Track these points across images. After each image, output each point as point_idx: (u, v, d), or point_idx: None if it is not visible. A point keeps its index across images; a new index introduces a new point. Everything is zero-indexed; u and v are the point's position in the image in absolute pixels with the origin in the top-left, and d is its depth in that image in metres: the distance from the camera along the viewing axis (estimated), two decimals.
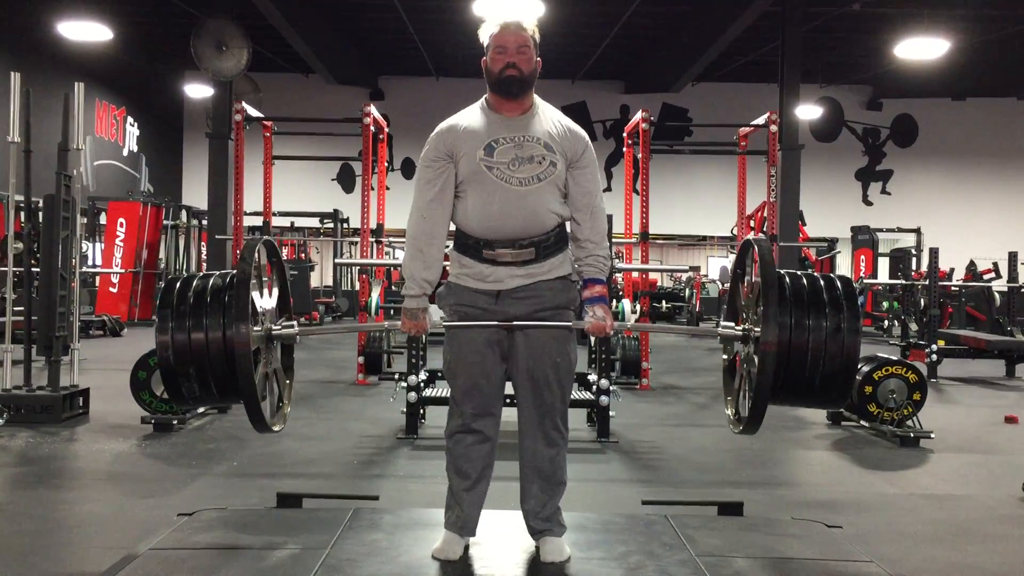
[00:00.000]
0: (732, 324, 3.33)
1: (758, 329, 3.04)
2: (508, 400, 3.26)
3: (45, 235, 6.58)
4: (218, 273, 3.22)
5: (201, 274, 3.26)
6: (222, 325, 3.02)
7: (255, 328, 3.09)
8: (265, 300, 3.28)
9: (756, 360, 3.05)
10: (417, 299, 3.07)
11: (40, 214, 7.46)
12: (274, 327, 3.27)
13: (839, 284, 3.13)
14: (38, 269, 6.68)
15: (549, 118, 3.08)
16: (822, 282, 3.13)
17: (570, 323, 3.09)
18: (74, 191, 6.63)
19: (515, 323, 3.03)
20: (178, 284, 3.18)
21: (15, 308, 6.92)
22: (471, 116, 3.08)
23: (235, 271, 3.06)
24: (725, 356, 3.53)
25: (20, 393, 6.29)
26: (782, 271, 3.15)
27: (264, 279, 3.33)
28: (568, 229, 3.12)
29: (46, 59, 16.52)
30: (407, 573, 2.99)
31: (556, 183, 3.01)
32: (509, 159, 2.97)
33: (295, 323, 3.40)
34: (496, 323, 3.04)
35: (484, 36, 3.06)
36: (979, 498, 4.80)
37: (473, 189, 3.00)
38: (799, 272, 3.22)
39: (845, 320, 3.03)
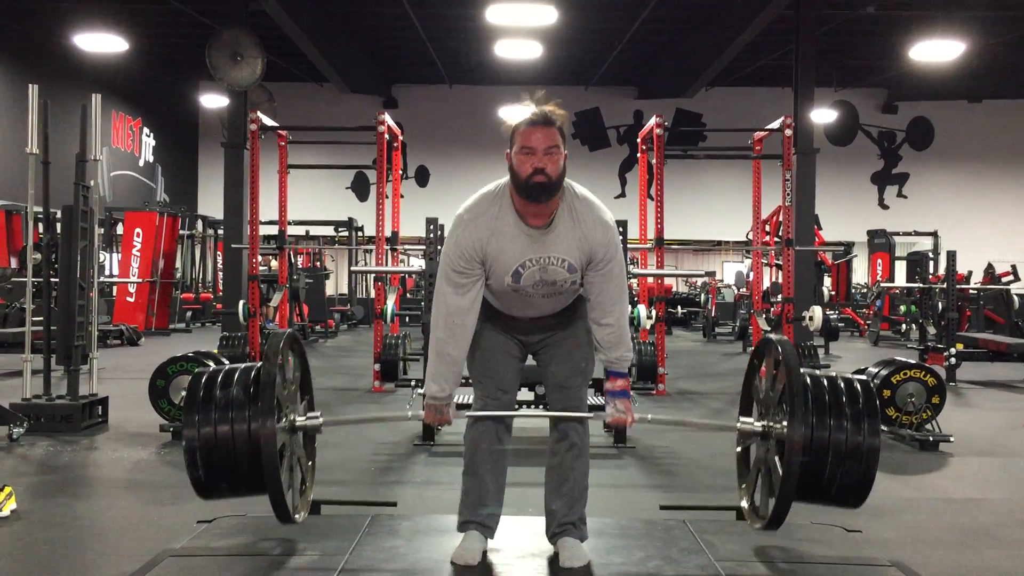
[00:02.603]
0: (751, 420, 3.31)
1: (779, 427, 3.06)
2: (524, 406, 3.29)
3: (63, 245, 6.63)
4: (243, 368, 3.22)
5: (226, 369, 3.24)
6: (248, 425, 3.04)
7: (279, 424, 3.06)
8: (289, 391, 3.23)
9: (777, 459, 3.07)
10: (442, 398, 3.10)
11: (58, 225, 7.52)
12: (298, 419, 3.25)
13: (859, 387, 3.15)
14: (57, 279, 6.73)
15: (572, 220, 2.99)
16: (842, 385, 3.16)
17: (591, 414, 3.20)
18: (92, 202, 6.67)
19: (534, 413, 3.25)
20: (204, 379, 3.19)
21: (34, 318, 6.97)
22: (498, 220, 2.99)
23: (259, 369, 3.07)
24: (739, 447, 3.51)
25: (40, 402, 6.33)
26: (804, 371, 3.16)
27: (288, 377, 3.29)
28: (588, 311, 3.15)
29: (63, 71, 16.67)
30: None
31: (574, 286, 3.10)
32: (533, 282, 3.03)
33: (319, 414, 3.34)
34: (517, 413, 3.25)
35: (510, 126, 2.95)
36: (999, 502, 4.77)
37: (498, 293, 3.12)
38: (819, 373, 3.23)
39: (865, 427, 3.05)
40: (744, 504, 3.40)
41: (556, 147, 2.88)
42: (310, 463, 3.49)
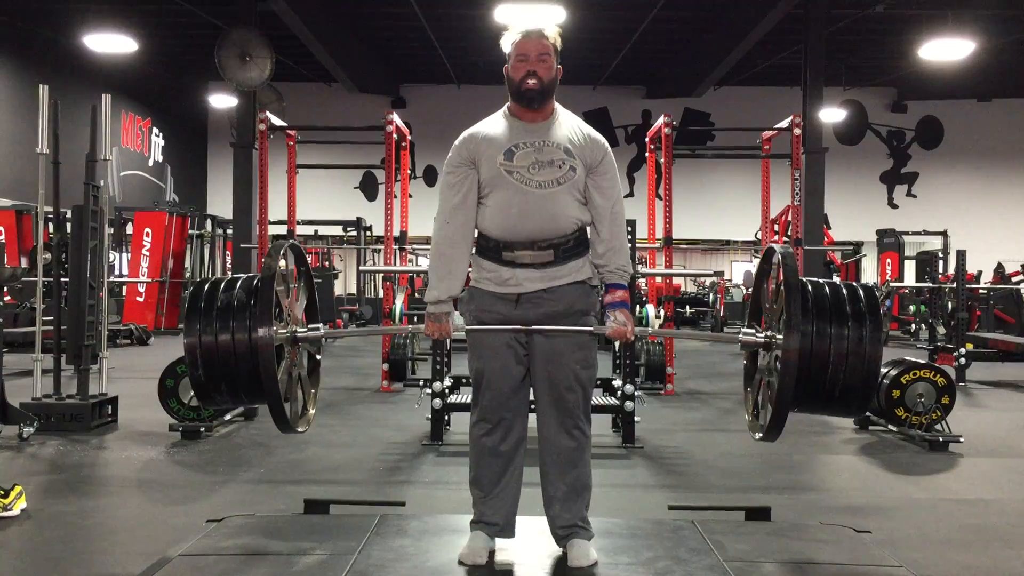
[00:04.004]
0: (753, 331, 3.31)
1: (780, 336, 3.04)
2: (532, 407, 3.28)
3: (74, 245, 6.66)
4: (245, 276, 3.26)
5: (229, 276, 3.29)
6: (247, 322, 3.06)
7: (280, 330, 3.12)
8: (292, 304, 3.31)
9: (778, 368, 3.04)
10: (440, 303, 3.09)
11: (68, 224, 7.54)
12: (299, 330, 3.30)
13: (862, 294, 3.11)
14: (67, 279, 6.75)
15: (569, 125, 3.12)
16: (845, 291, 3.11)
17: (591, 328, 3.10)
18: (101, 201, 6.70)
19: (536, 327, 3.05)
20: (207, 286, 3.22)
21: (44, 318, 6.99)
22: (493, 123, 3.13)
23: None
24: (746, 361, 3.51)
25: (50, 401, 6.36)
26: (806, 279, 3.13)
27: (292, 286, 3.35)
28: (589, 236, 3.14)
29: (73, 71, 16.73)
30: None
31: (575, 187, 3.05)
32: (529, 163, 3.02)
33: (321, 326, 3.42)
34: (518, 327, 3.06)
35: (506, 44, 3.09)
36: (1009, 502, 4.75)
37: (493, 193, 3.06)
38: (822, 281, 3.20)
39: (867, 331, 3.01)
40: (748, 417, 3.40)
41: (548, 55, 3.04)
42: (313, 391, 3.50)
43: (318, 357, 3.55)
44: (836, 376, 3.01)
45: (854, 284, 3.19)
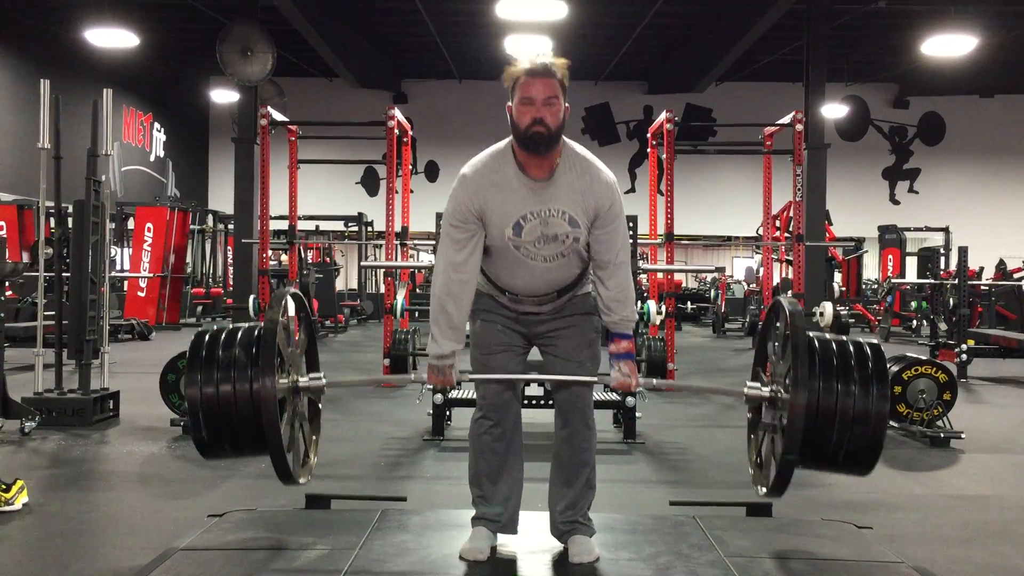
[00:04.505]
0: (759, 384, 3.25)
1: (785, 394, 3.00)
2: (533, 401, 3.28)
3: (75, 240, 6.66)
4: (246, 326, 3.20)
5: (229, 327, 3.21)
6: (249, 375, 3.00)
7: (281, 380, 3.06)
8: (292, 353, 3.24)
9: (782, 424, 3.01)
10: (444, 358, 3.06)
11: (70, 220, 7.55)
12: (301, 379, 3.24)
13: (869, 353, 3.06)
14: (68, 274, 6.76)
15: (575, 174, 2.96)
16: (852, 350, 3.07)
17: (595, 378, 3.13)
18: (103, 196, 6.70)
19: (540, 376, 3.18)
20: (207, 337, 3.16)
21: (46, 313, 7.00)
22: (499, 173, 2.97)
23: (262, 323, 3.06)
24: (749, 414, 3.44)
25: (51, 396, 6.36)
26: (813, 334, 3.08)
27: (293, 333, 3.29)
28: (593, 286, 3.15)
29: (74, 66, 16.72)
30: (435, 573, 3.00)
31: (578, 251, 3.03)
32: (535, 238, 2.97)
33: (323, 375, 3.34)
34: (522, 376, 3.16)
35: (509, 79, 2.92)
36: (1011, 498, 4.75)
37: (499, 256, 3.05)
38: (830, 337, 3.15)
39: (874, 394, 2.97)
40: (752, 471, 3.37)
41: (555, 98, 2.87)
42: (315, 437, 3.46)
43: (319, 405, 3.51)
44: (841, 437, 2.98)
45: (861, 341, 3.12)
